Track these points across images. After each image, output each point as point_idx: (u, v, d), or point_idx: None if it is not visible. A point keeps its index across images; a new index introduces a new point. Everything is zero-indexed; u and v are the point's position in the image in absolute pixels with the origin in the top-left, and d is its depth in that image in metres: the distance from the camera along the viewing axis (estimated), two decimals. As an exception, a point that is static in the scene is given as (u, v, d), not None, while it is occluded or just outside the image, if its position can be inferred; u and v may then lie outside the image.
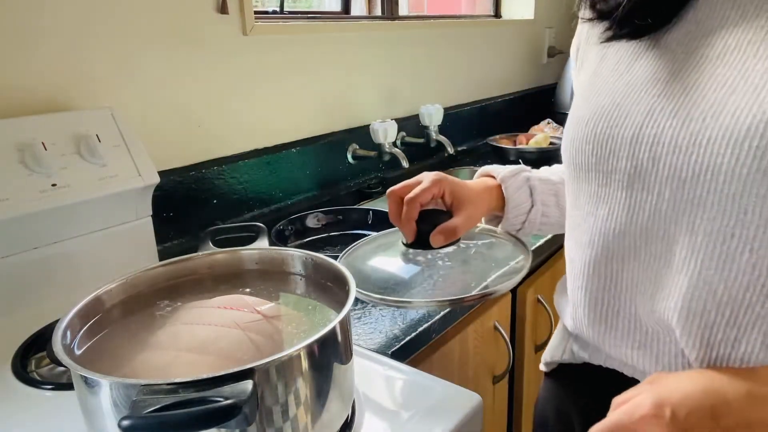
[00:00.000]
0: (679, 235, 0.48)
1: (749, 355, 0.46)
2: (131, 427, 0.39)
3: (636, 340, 0.53)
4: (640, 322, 0.53)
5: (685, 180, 0.46)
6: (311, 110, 1.36)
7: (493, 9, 2.19)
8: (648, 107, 0.49)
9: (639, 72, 0.52)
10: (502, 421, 1.14)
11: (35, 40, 0.88)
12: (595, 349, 0.59)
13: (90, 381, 0.44)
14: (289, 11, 1.41)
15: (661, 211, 0.49)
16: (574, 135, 0.55)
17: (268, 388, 0.45)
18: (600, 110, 0.53)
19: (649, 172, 0.49)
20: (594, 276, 0.55)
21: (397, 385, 0.64)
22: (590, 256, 0.55)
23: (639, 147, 0.49)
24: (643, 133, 0.49)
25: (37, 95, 0.90)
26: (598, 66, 0.57)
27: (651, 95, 0.50)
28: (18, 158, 0.78)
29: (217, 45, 1.13)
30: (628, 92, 0.51)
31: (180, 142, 1.11)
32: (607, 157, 0.52)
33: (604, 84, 0.54)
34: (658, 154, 0.48)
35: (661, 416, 0.43)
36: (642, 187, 0.50)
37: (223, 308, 0.54)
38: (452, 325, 0.85)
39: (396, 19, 1.66)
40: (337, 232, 1.13)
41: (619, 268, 0.53)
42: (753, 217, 0.44)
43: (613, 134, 0.51)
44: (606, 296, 0.55)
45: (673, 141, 0.47)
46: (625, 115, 0.51)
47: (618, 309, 0.54)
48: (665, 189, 0.48)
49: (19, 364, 0.68)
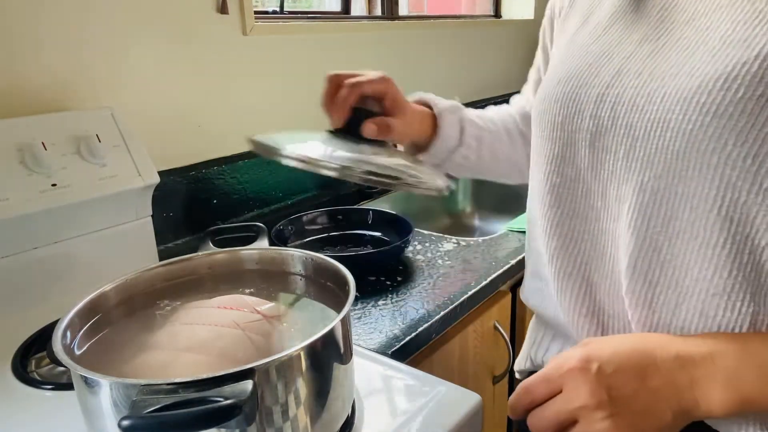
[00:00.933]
0: (629, 194, 0.48)
1: (689, 323, 0.47)
2: (131, 427, 0.39)
3: (586, 306, 0.54)
4: (593, 287, 0.54)
5: (638, 138, 0.47)
6: (311, 110, 1.36)
7: (493, 9, 2.19)
8: (617, 68, 0.50)
9: (614, 35, 0.53)
10: (502, 421, 1.14)
11: (35, 40, 0.88)
12: (553, 340, 0.61)
13: (90, 381, 0.44)
14: (289, 11, 1.41)
15: (616, 170, 0.49)
16: (545, 95, 0.56)
17: (268, 388, 0.45)
18: (573, 70, 0.53)
19: (608, 131, 0.50)
20: (555, 235, 0.56)
21: (397, 385, 0.64)
22: (554, 213, 0.55)
23: (602, 106, 0.50)
24: (607, 93, 0.50)
25: (37, 95, 0.90)
26: (577, 31, 0.58)
27: (621, 57, 0.51)
28: (18, 158, 0.78)
29: (217, 45, 1.13)
30: (601, 53, 0.52)
31: (180, 142, 1.11)
32: (572, 116, 0.52)
33: (580, 47, 0.55)
34: (617, 113, 0.49)
35: (587, 369, 0.43)
36: (602, 147, 0.50)
37: (223, 308, 0.54)
38: (452, 325, 0.85)
39: (396, 19, 1.66)
40: (337, 232, 1.13)
41: (582, 228, 0.54)
42: (693, 173, 0.44)
43: (580, 93, 0.52)
44: (564, 256, 0.55)
45: (632, 100, 0.48)
46: (594, 74, 0.51)
47: (572, 271, 0.55)
48: (620, 148, 0.49)
49: (19, 364, 0.68)
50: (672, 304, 0.48)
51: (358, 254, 1.03)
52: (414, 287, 0.89)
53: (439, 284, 0.90)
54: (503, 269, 0.95)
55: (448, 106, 0.75)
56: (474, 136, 0.76)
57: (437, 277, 0.93)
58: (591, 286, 0.54)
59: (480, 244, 1.06)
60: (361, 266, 0.91)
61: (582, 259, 0.54)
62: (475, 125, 0.76)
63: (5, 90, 0.86)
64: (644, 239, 0.48)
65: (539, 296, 0.62)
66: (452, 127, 0.74)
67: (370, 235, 1.12)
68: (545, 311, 0.62)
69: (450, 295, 0.86)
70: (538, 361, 0.65)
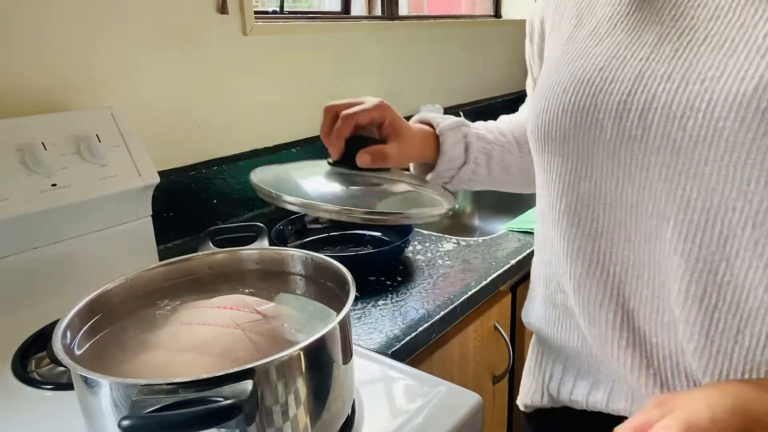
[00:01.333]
0: (671, 211, 0.44)
1: (753, 350, 0.43)
2: (131, 427, 0.39)
3: (624, 337, 0.49)
4: (631, 315, 0.49)
5: (679, 149, 0.43)
6: (311, 110, 1.36)
7: (493, 9, 2.19)
8: (636, 71, 0.46)
9: (621, 36, 0.48)
10: (502, 421, 1.14)
11: (35, 40, 0.88)
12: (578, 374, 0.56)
13: (90, 381, 0.44)
14: (289, 11, 1.41)
15: (650, 184, 0.45)
16: (547, 104, 0.51)
17: (268, 388, 0.45)
18: (580, 76, 0.49)
19: (638, 141, 0.45)
20: (578, 260, 0.51)
21: (397, 385, 0.64)
22: (573, 235, 0.51)
23: (627, 114, 0.45)
24: (632, 100, 0.45)
25: (37, 95, 0.90)
26: (572, 32, 0.53)
27: (637, 59, 0.46)
28: (18, 158, 0.78)
29: (217, 45, 1.13)
30: (611, 57, 0.48)
31: (180, 142, 1.11)
32: (589, 126, 0.48)
33: (581, 49, 0.51)
34: (649, 121, 0.44)
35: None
36: (630, 159, 0.46)
37: (223, 308, 0.54)
38: (452, 325, 0.85)
39: (396, 19, 1.66)
40: (337, 232, 1.13)
41: (609, 250, 0.49)
42: (757, 188, 0.40)
43: (597, 102, 0.47)
44: (592, 283, 0.50)
45: (667, 106, 0.44)
46: (610, 80, 0.47)
47: (603, 299, 0.50)
48: (656, 160, 0.44)
49: (19, 364, 0.68)
50: (733, 331, 0.43)
51: (358, 254, 1.03)
52: (414, 287, 0.89)
53: (439, 284, 0.90)
54: (503, 269, 0.95)
55: (450, 124, 0.72)
56: (482, 151, 0.73)
57: (437, 277, 0.93)
58: (628, 314, 0.49)
59: (480, 244, 1.06)
60: (361, 266, 0.91)
61: (614, 285, 0.49)
62: (482, 140, 0.73)
63: (5, 90, 0.86)
64: (696, 261, 0.43)
65: (558, 326, 0.57)
66: (456, 146, 0.72)
67: (370, 235, 1.12)
68: (567, 343, 0.56)
69: (450, 295, 0.86)
70: (563, 399, 0.59)
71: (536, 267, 0.61)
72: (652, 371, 0.49)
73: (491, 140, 0.74)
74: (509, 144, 0.76)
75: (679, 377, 0.48)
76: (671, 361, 0.48)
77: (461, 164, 0.72)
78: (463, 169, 0.73)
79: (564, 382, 0.59)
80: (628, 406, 0.53)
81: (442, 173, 0.73)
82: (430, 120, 0.73)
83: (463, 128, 0.73)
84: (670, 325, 0.47)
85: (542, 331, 0.61)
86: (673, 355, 0.47)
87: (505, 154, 0.75)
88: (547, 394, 0.61)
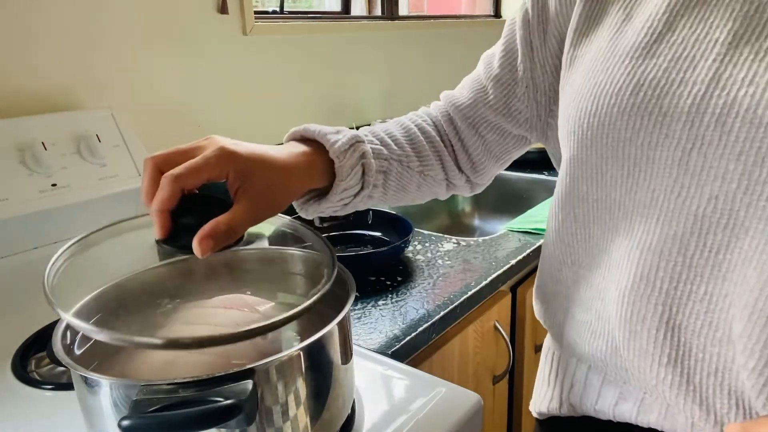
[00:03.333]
0: (751, 221, 0.41)
1: None
2: (131, 427, 0.39)
3: (665, 353, 0.47)
4: (677, 330, 0.46)
5: (765, 157, 0.40)
6: (311, 110, 1.36)
7: (492, 9, 2.19)
8: (711, 73, 0.43)
9: (685, 33, 0.45)
10: (502, 421, 1.14)
11: (36, 40, 0.88)
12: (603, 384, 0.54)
13: (90, 381, 0.44)
14: (289, 11, 1.41)
15: (728, 193, 0.42)
16: (598, 104, 0.48)
17: (268, 388, 0.45)
18: (640, 77, 0.46)
19: (713, 146, 0.42)
20: (624, 271, 0.48)
21: (397, 385, 0.64)
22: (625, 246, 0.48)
23: (702, 118, 0.42)
24: (707, 103, 0.42)
25: (37, 95, 0.90)
26: (621, 26, 0.49)
27: (709, 60, 0.43)
28: (18, 158, 0.78)
29: (217, 45, 1.13)
30: (678, 57, 0.45)
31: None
32: (651, 129, 0.45)
33: (637, 46, 0.47)
34: (728, 126, 0.41)
35: None
36: (701, 166, 0.43)
37: (223, 308, 0.54)
38: (452, 325, 0.85)
39: (396, 19, 1.66)
40: (337, 232, 1.13)
41: (660, 264, 0.46)
42: None
43: (663, 103, 0.44)
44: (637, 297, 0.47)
45: (750, 111, 0.41)
46: (678, 82, 0.44)
47: (647, 314, 0.47)
48: (735, 167, 0.41)
49: (19, 364, 0.68)
50: None
51: (358, 254, 1.03)
52: (414, 287, 0.89)
53: (439, 284, 0.90)
54: (503, 269, 0.95)
55: (345, 143, 0.56)
56: (380, 170, 0.60)
57: (437, 277, 0.93)
58: (674, 330, 0.47)
59: (480, 244, 1.06)
60: (361, 266, 0.91)
61: (659, 300, 0.47)
62: (379, 156, 0.60)
63: (5, 90, 0.86)
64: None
65: (586, 332, 0.54)
66: (353, 170, 0.57)
67: (370, 235, 1.12)
68: (596, 352, 0.53)
69: (450, 295, 0.86)
70: (585, 410, 0.57)
71: (563, 268, 0.57)
72: (692, 387, 0.47)
73: (387, 156, 0.61)
74: (407, 158, 0.64)
75: (721, 394, 0.46)
76: (715, 378, 0.46)
77: (357, 192, 0.59)
78: (358, 196, 0.59)
79: (587, 392, 0.56)
80: (660, 419, 0.51)
81: (333, 203, 0.58)
82: (315, 137, 0.56)
83: (359, 147, 0.58)
84: (722, 340, 0.45)
85: (564, 336, 0.58)
86: (718, 372, 0.46)
87: (404, 171, 0.63)
88: (567, 404, 0.58)
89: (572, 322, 0.56)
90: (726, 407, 0.46)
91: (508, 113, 0.64)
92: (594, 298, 0.53)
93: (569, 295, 0.57)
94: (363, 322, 0.79)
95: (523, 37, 0.60)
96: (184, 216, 0.45)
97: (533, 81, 0.61)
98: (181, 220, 0.45)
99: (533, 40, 0.60)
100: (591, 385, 0.56)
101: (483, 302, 0.92)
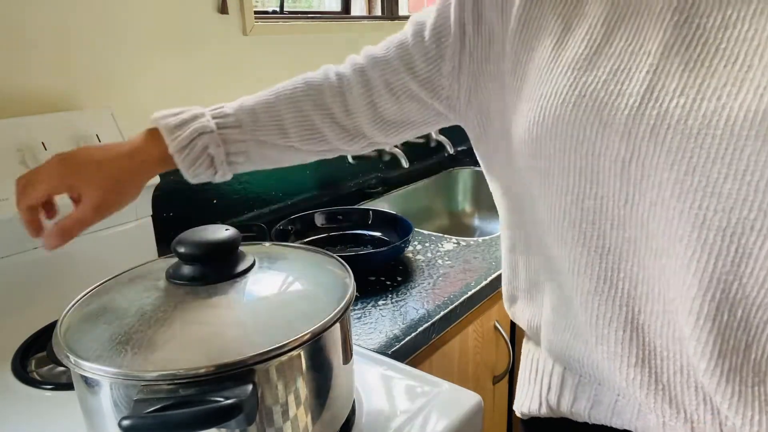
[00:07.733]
0: (684, 230, 0.42)
1: (759, 362, 0.43)
2: (131, 427, 0.39)
3: (633, 353, 0.48)
4: (641, 330, 0.48)
5: (696, 166, 0.41)
6: (311, 110, 1.36)
7: (493, 9, 2.18)
8: (644, 84, 0.44)
9: (622, 44, 0.46)
10: (502, 421, 1.14)
11: (36, 40, 0.88)
12: (579, 386, 0.55)
13: (90, 381, 0.44)
14: (289, 11, 1.41)
15: (663, 201, 0.43)
16: (543, 114, 0.48)
17: (268, 388, 0.45)
18: (581, 89, 0.46)
19: (649, 157, 0.43)
20: (586, 276, 0.49)
21: (397, 385, 0.64)
22: (579, 252, 0.49)
23: (637, 128, 0.43)
24: (641, 114, 0.43)
25: (37, 95, 0.90)
26: (561, 36, 0.50)
27: (643, 71, 0.44)
28: (18, 158, 0.78)
29: (217, 45, 1.13)
30: (615, 70, 0.45)
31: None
32: (594, 140, 0.45)
33: (578, 58, 0.48)
34: (661, 137, 0.42)
35: None
36: (641, 175, 0.44)
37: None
38: (452, 325, 0.85)
39: (396, 19, 1.66)
40: (337, 232, 1.13)
41: (617, 266, 0.47)
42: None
43: (602, 114, 0.45)
44: (600, 299, 0.49)
45: (681, 121, 0.41)
46: (616, 94, 0.45)
47: (612, 316, 0.48)
48: (668, 176, 0.42)
49: (19, 364, 0.68)
50: (743, 346, 0.43)
51: (358, 254, 1.03)
52: (414, 287, 0.89)
53: (439, 284, 0.90)
54: (503, 269, 0.95)
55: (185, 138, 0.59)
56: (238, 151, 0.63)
57: (437, 277, 0.93)
58: (638, 330, 0.48)
59: (480, 244, 1.06)
60: (361, 266, 0.91)
61: (622, 301, 0.48)
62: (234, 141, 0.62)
63: (5, 90, 0.86)
64: (710, 280, 0.42)
65: (566, 333, 0.54)
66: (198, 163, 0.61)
67: (370, 235, 1.12)
68: (572, 353, 0.54)
69: (450, 295, 0.86)
70: (562, 411, 0.58)
71: (537, 273, 0.58)
72: (661, 386, 0.48)
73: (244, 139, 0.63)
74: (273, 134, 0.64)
75: (688, 391, 0.47)
76: (681, 376, 0.47)
77: (212, 175, 0.63)
78: (217, 175, 0.63)
79: (563, 394, 0.57)
80: (633, 419, 0.52)
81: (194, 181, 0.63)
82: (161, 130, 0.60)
83: (202, 138, 0.60)
84: (681, 340, 0.46)
85: (545, 339, 0.58)
86: (684, 369, 0.47)
87: (268, 148, 0.64)
88: (545, 405, 0.59)
89: (556, 326, 0.56)
90: (695, 404, 0.47)
91: (431, 87, 0.62)
92: (562, 303, 0.54)
93: (549, 302, 0.57)
94: (363, 322, 0.79)
95: (458, 19, 0.58)
96: None
97: (460, 63, 0.59)
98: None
99: (466, 25, 0.58)
100: (567, 386, 0.57)
101: (483, 302, 0.92)
